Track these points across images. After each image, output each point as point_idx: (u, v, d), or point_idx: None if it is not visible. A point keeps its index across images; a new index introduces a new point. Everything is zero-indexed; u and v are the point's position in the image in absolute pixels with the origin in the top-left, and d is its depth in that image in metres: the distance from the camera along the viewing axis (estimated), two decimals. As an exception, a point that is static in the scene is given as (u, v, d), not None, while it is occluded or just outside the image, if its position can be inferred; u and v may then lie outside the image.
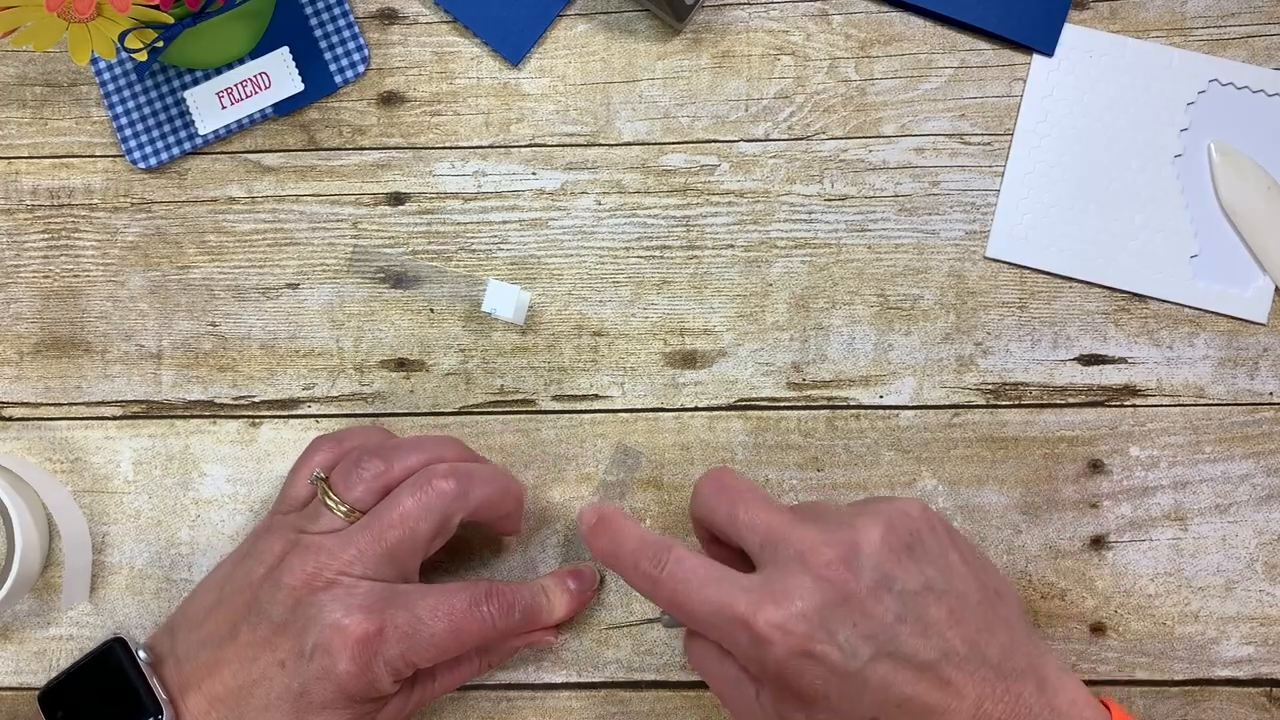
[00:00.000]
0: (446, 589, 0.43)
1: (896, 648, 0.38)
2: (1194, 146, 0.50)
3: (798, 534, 0.40)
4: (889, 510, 0.41)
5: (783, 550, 0.40)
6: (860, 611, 0.38)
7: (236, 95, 0.51)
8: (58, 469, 0.52)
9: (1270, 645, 0.49)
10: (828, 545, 0.39)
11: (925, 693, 0.38)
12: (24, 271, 0.52)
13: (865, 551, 0.39)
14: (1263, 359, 0.50)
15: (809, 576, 0.38)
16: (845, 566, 0.39)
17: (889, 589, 0.39)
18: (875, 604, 0.38)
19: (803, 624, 0.38)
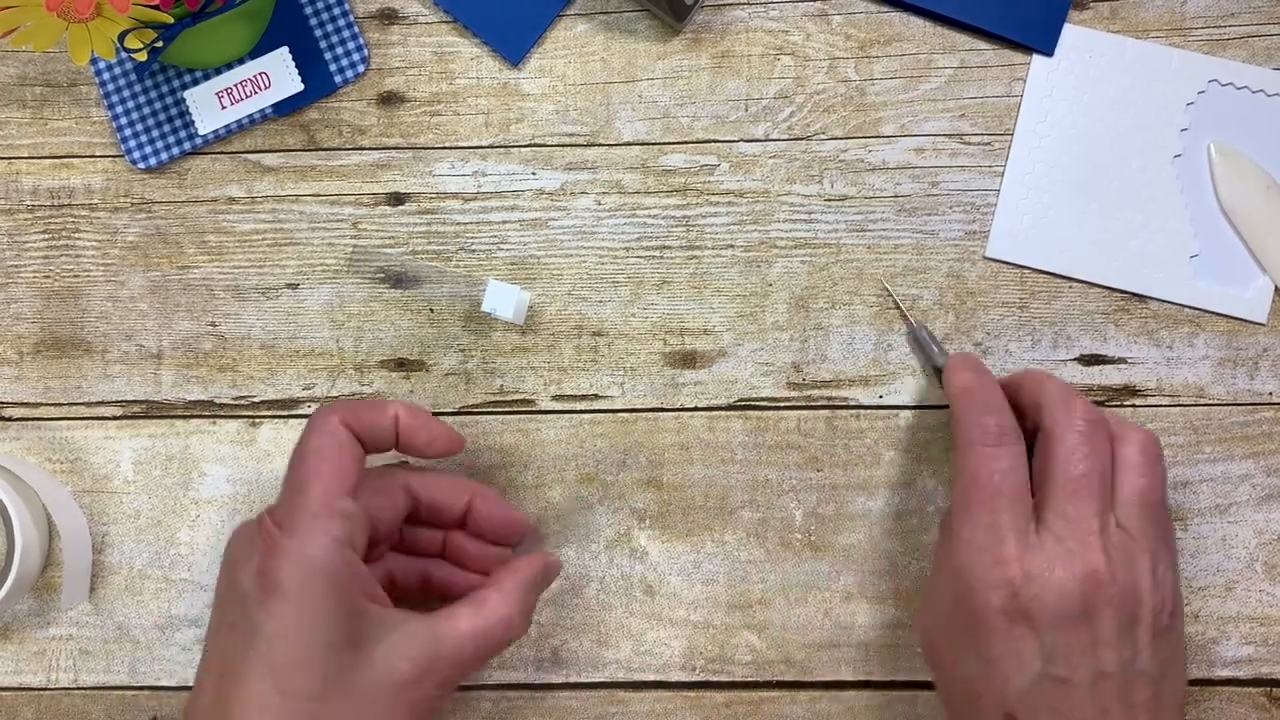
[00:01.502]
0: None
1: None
2: (1194, 146, 0.50)
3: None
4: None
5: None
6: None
7: (236, 95, 0.51)
8: (58, 469, 0.52)
9: (1270, 645, 0.49)
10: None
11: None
12: (24, 271, 0.52)
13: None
14: (1263, 359, 0.50)
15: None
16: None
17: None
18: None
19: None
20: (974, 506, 0.41)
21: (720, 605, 0.50)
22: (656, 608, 0.50)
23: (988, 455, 0.41)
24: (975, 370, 0.45)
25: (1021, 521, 0.40)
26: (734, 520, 0.50)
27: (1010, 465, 0.42)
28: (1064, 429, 0.42)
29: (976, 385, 0.44)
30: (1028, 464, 0.43)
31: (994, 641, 0.39)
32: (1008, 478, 0.41)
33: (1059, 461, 0.41)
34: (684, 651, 0.50)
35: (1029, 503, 0.41)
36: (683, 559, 0.50)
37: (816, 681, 0.50)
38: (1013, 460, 0.42)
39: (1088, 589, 0.39)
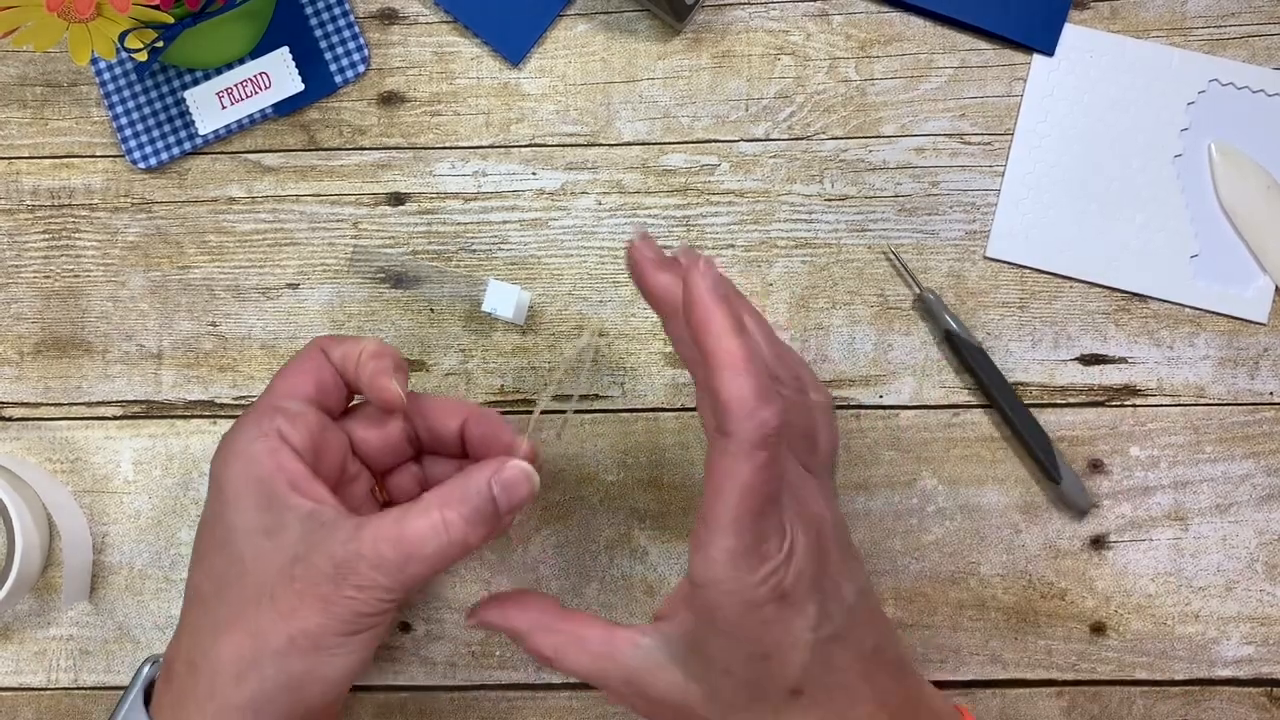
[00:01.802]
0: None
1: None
2: (1194, 146, 0.50)
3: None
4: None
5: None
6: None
7: (236, 95, 0.51)
8: (58, 469, 0.52)
9: (1270, 645, 0.49)
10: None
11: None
12: (24, 271, 0.52)
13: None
14: (1263, 359, 0.50)
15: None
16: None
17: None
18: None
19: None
20: (745, 519, 0.34)
21: (720, 605, 0.50)
22: (656, 608, 0.50)
23: (765, 460, 0.34)
24: (734, 321, 0.34)
25: (781, 515, 0.36)
26: (734, 520, 0.50)
27: (779, 459, 0.35)
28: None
29: (744, 352, 0.34)
30: None
31: (765, 636, 0.35)
32: (777, 477, 0.35)
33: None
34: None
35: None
36: (683, 559, 0.50)
37: None
38: (786, 461, 0.37)
39: (819, 542, 0.37)
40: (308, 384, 0.43)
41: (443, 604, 0.50)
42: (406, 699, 0.50)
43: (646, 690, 0.38)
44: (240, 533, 0.39)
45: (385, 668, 0.50)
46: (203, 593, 0.40)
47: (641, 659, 0.38)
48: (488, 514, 0.39)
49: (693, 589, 0.35)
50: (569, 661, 0.39)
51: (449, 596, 0.50)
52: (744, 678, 0.36)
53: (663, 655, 0.38)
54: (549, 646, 0.39)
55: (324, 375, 0.43)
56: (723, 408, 0.33)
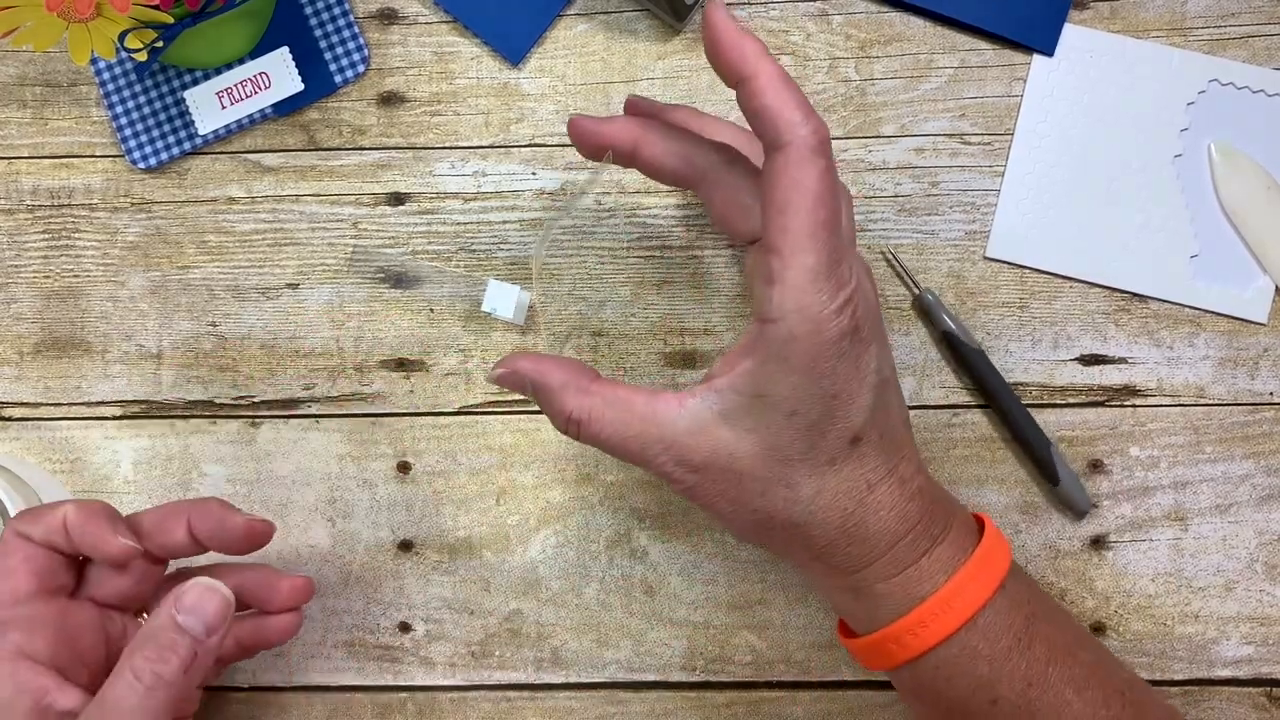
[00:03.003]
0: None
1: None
2: (1194, 146, 0.50)
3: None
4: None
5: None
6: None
7: (236, 95, 0.51)
8: (58, 469, 0.52)
9: (1270, 645, 0.49)
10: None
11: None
12: (24, 271, 0.52)
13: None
14: (1263, 359, 0.50)
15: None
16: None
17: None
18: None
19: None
20: (821, 231, 0.33)
21: (720, 605, 0.50)
22: (657, 608, 0.50)
23: (828, 166, 0.34)
24: (764, 46, 0.35)
25: (840, 228, 0.35)
26: (734, 520, 0.50)
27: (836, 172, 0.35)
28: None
29: (783, 70, 0.34)
30: None
31: (840, 371, 0.34)
32: (838, 190, 0.35)
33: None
34: (684, 652, 0.50)
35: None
36: (683, 559, 0.50)
37: (816, 681, 0.50)
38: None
39: (871, 280, 0.37)
40: (27, 582, 0.40)
41: (442, 604, 0.51)
42: (406, 699, 0.50)
43: (690, 454, 0.36)
44: None
45: (385, 668, 0.50)
46: None
47: (688, 420, 0.36)
48: (181, 647, 0.37)
49: (763, 328, 0.34)
50: (602, 426, 0.36)
51: (449, 596, 0.50)
52: (809, 420, 0.34)
53: (711, 414, 0.35)
54: (581, 408, 0.36)
55: (38, 562, 0.40)
56: (775, 118, 0.33)
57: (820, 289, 0.33)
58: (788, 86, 0.34)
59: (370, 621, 0.51)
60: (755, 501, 0.36)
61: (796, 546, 0.37)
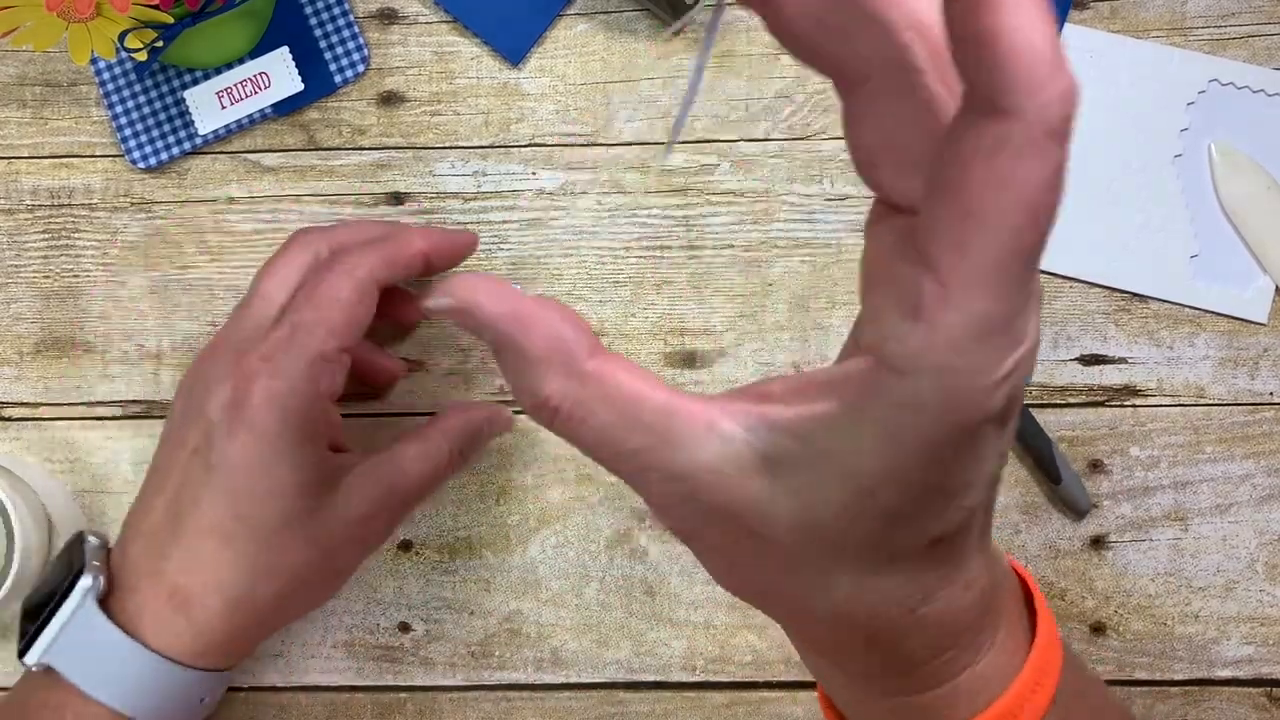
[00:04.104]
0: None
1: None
2: (1194, 146, 0.50)
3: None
4: None
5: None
6: None
7: (236, 95, 0.51)
8: (58, 469, 0.52)
9: (1270, 645, 0.49)
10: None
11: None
12: (24, 271, 0.52)
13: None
14: (1263, 359, 0.50)
15: None
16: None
17: None
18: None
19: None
20: (1015, 266, 0.21)
21: (721, 605, 0.50)
22: (657, 608, 0.50)
23: (1061, 162, 0.20)
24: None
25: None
26: (734, 520, 0.50)
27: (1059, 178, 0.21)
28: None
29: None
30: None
31: (959, 459, 0.23)
32: (1059, 203, 0.21)
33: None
34: (684, 652, 0.50)
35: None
36: (683, 559, 0.50)
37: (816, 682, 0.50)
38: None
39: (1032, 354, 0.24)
40: (359, 329, 0.42)
41: (442, 604, 0.50)
42: (406, 699, 0.50)
43: (704, 494, 0.24)
44: (290, 486, 0.40)
45: (385, 668, 0.50)
46: (231, 533, 0.40)
47: (716, 453, 0.24)
48: (475, 449, 0.47)
49: (878, 375, 0.22)
50: (587, 429, 0.25)
51: (449, 597, 0.50)
52: (888, 508, 0.23)
53: (752, 453, 0.23)
54: (565, 396, 0.24)
55: (371, 310, 0.42)
56: (1008, 63, 0.19)
57: (986, 353, 0.21)
58: (1046, 21, 0.19)
59: (370, 621, 0.51)
60: (767, 578, 0.26)
61: (800, 637, 0.30)
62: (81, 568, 0.40)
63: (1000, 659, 0.28)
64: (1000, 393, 0.22)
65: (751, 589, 0.27)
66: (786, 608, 0.27)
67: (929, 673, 0.28)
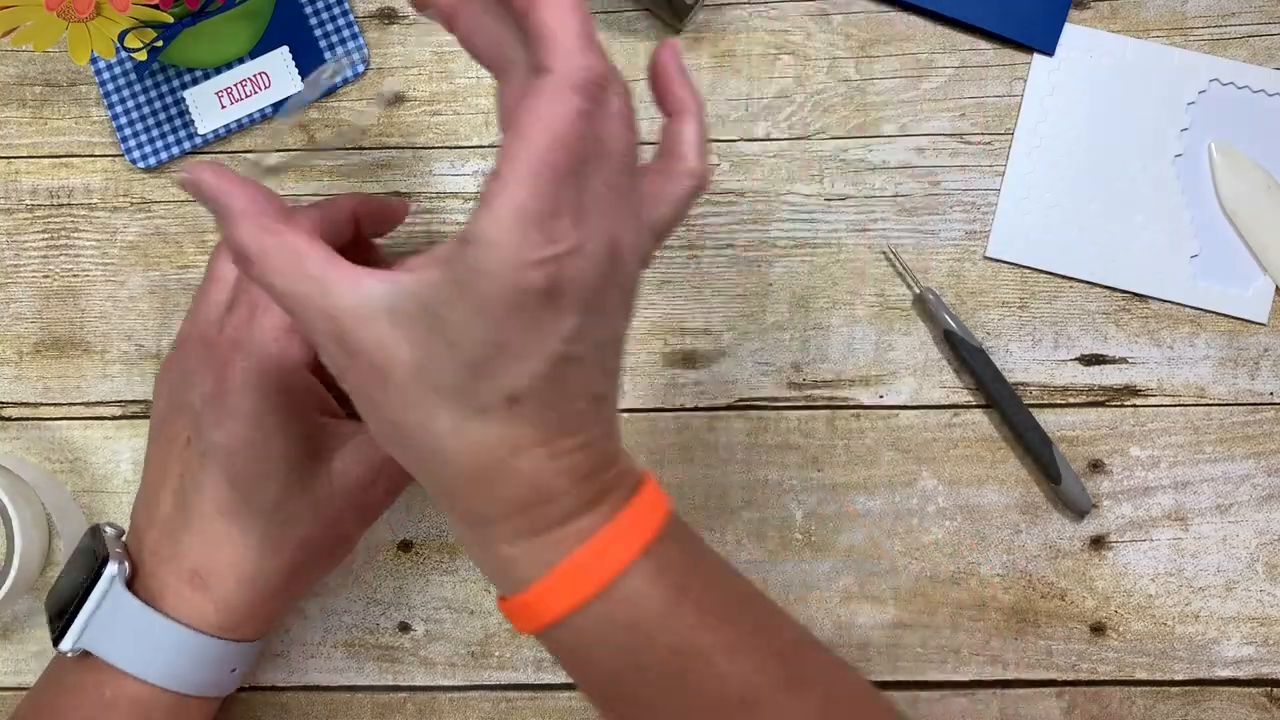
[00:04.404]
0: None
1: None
2: (1194, 146, 0.50)
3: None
4: None
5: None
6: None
7: (236, 95, 0.51)
8: (57, 469, 0.52)
9: (1271, 645, 0.49)
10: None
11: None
12: (24, 271, 0.52)
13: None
14: (1263, 359, 0.50)
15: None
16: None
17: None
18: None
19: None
20: (546, 174, 0.30)
21: (720, 605, 0.50)
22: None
23: (587, 114, 0.30)
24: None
25: (581, 194, 0.32)
26: (734, 520, 0.50)
27: (614, 125, 0.32)
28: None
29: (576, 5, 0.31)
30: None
31: (513, 325, 0.31)
32: (608, 142, 0.32)
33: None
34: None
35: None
36: (683, 559, 0.50)
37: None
38: (617, 117, 0.32)
39: (611, 259, 0.33)
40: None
41: (442, 604, 0.50)
42: (406, 699, 0.50)
43: (347, 337, 0.32)
44: (280, 461, 0.41)
45: (385, 668, 0.50)
46: (239, 512, 0.41)
47: (356, 301, 0.32)
48: None
49: (460, 247, 0.31)
50: (272, 271, 0.33)
51: (449, 596, 0.50)
52: (467, 359, 0.32)
53: (383, 306, 0.32)
54: (257, 246, 0.33)
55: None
56: (546, 40, 0.30)
57: (523, 233, 0.30)
58: (577, 13, 0.30)
59: (370, 621, 0.51)
60: (394, 413, 0.33)
61: (424, 476, 0.35)
62: (105, 556, 0.41)
63: (591, 521, 0.34)
64: (537, 273, 0.30)
65: (386, 432, 0.34)
66: (407, 444, 0.34)
67: (522, 524, 0.34)
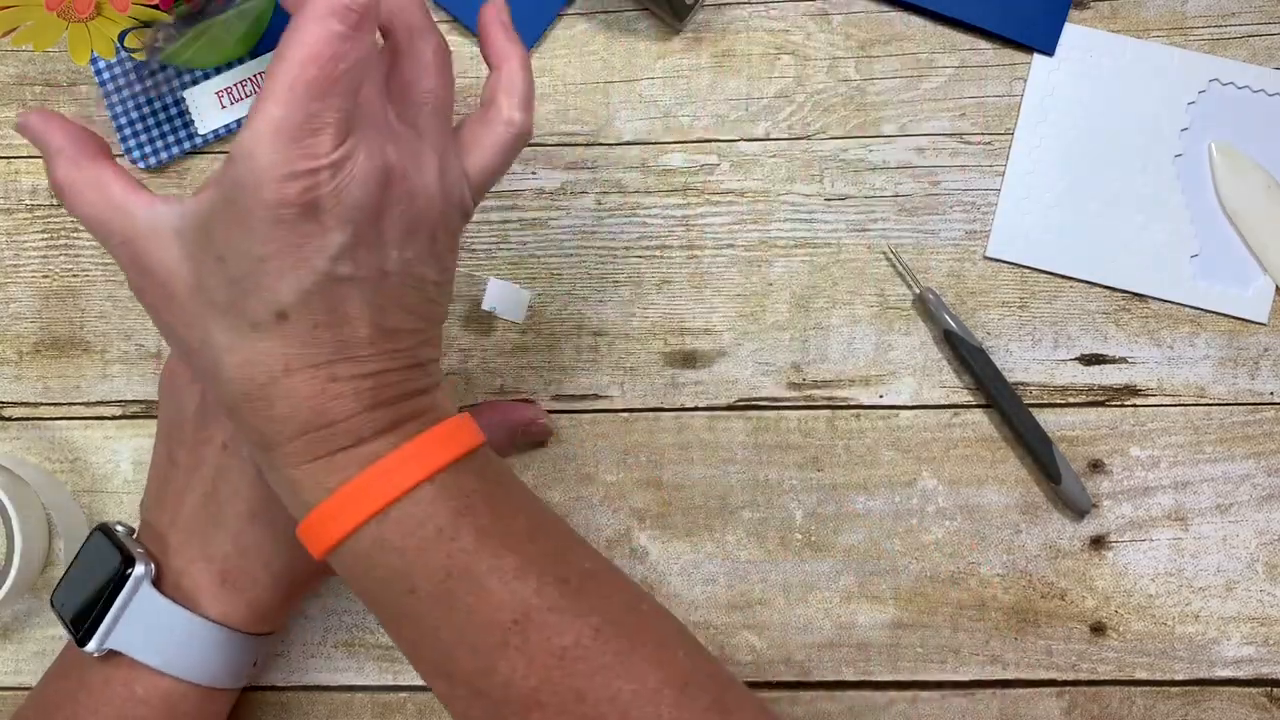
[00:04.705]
0: None
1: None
2: (1194, 146, 0.50)
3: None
4: None
5: None
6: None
7: (236, 95, 0.51)
8: (57, 469, 0.52)
9: (1270, 645, 0.49)
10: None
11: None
12: (23, 271, 0.52)
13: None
14: (1263, 359, 0.50)
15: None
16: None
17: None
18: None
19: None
20: (299, 88, 0.32)
21: (720, 605, 0.50)
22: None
23: (341, 36, 0.32)
24: None
25: (343, 114, 0.33)
26: (734, 520, 0.50)
27: (363, 57, 0.33)
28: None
29: None
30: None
31: (275, 237, 0.33)
32: (355, 70, 0.33)
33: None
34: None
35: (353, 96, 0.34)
36: (683, 559, 0.50)
37: (816, 681, 0.50)
38: (365, 50, 0.34)
39: (383, 184, 0.35)
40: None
41: (442, 604, 0.50)
42: (406, 699, 0.50)
43: (140, 258, 0.35)
44: None
45: (385, 668, 0.50)
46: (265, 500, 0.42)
47: (148, 223, 0.35)
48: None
49: (227, 162, 0.33)
50: (80, 201, 0.36)
51: (449, 596, 0.50)
52: (234, 273, 0.33)
53: (169, 227, 0.35)
54: (68, 179, 0.36)
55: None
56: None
57: (276, 146, 0.32)
58: None
59: (370, 621, 0.51)
60: (181, 330, 0.35)
61: (213, 394, 0.37)
62: (129, 556, 0.42)
63: (373, 449, 0.35)
64: (296, 184, 0.32)
65: (177, 347, 0.36)
66: (194, 361, 0.36)
67: (305, 447, 0.35)
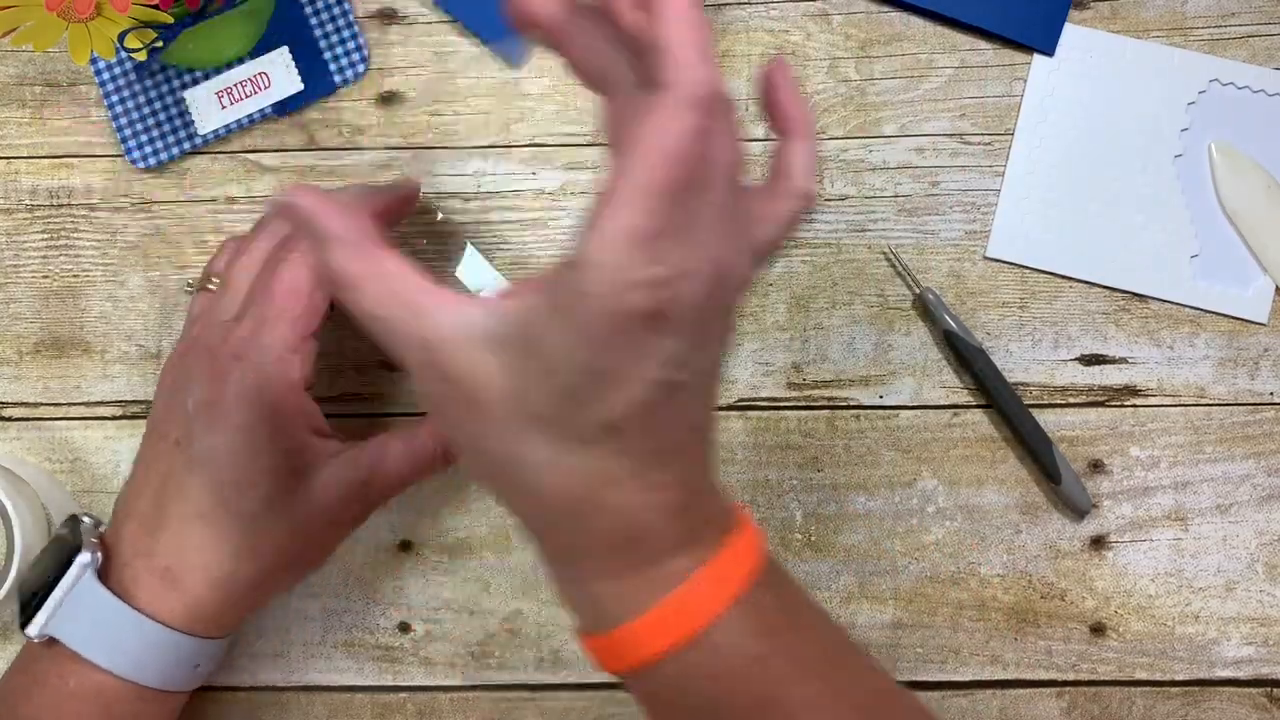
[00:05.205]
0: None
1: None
2: (1194, 146, 0.50)
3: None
4: None
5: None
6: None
7: (236, 95, 0.51)
8: (57, 469, 0.52)
9: (1271, 645, 0.49)
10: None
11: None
12: (24, 271, 0.52)
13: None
14: (1263, 359, 0.50)
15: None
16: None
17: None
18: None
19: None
20: (657, 191, 0.28)
21: (720, 605, 0.50)
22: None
23: (699, 125, 0.28)
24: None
25: (695, 216, 0.30)
26: (734, 520, 0.50)
27: (725, 142, 0.30)
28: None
29: (696, 10, 0.29)
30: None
31: (615, 348, 0.30)
32: (719, 161, 0.30)
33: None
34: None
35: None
36: (683, 559, 0.50)
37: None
38: (728, 134, 0.30)
39: (718, 282, 0.31)
40: (319, 315, 0.44)
41: (442, 604, 0.50)
42: (406, 699, 0.50)
43: (443, 365, 0.31)
44: (266, 473, 0.42)
45: (385, 668, 0.50)
46: (217, 519, 0.42)
47: (455, 326, 0.31)
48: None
49: (562, 271, 0.29)
50: (366, 297, 0.32)
51: (449, 597, 0.50)
52: (566, 386, 0.30)
53: (482, 331, 0.31)
54: (354, 273, 0.32)
55: (327, 296, 0.44)
56: (664, 54, 0.28)
57: (631, 255, 0.28)
58: (696, 27, 0.29)
59: (370, 621, 0.51)
60: (489, 444, 0.32)
61: (516, 508, 0.34)
62: (78, 545, 0.41)
63: (685, 564, 0.33)
64: (640, 295, 0.29)
65: (480, 463, 0.33)
66: (501, 475, 0.33)
67: (613, 561, 0.33)
